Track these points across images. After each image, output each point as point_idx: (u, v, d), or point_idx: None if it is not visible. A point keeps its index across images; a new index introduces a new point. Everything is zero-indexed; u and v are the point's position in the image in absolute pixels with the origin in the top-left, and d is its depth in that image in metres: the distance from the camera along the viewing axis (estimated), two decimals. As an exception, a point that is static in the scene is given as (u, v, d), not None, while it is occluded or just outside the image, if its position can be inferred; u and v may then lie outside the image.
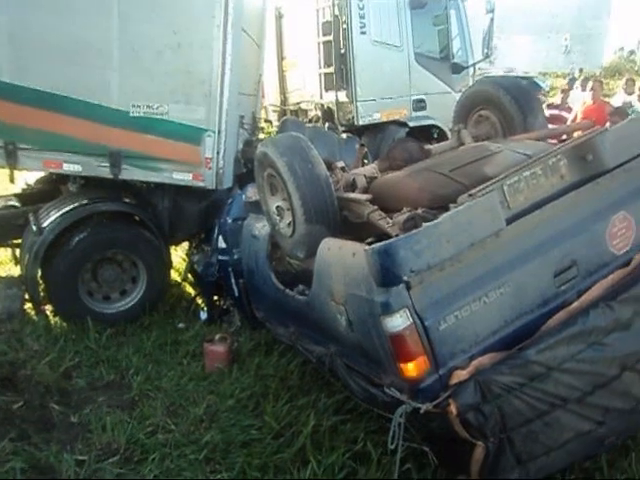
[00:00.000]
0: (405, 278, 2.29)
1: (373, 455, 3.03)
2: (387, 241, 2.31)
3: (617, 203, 2.90)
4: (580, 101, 8.99)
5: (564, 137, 3.80)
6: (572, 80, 12.64)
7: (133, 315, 4.88)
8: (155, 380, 3.91)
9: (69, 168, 4.56)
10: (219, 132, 4.47)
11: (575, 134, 3.59)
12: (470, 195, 2.46)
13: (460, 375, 2.49)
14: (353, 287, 2.61)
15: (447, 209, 2.53)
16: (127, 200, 4.95)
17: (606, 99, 9.16)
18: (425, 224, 2.32)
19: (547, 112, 7.75)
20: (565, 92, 9.47)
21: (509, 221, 2.55)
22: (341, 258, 2.73)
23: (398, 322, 2.39)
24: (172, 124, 4.41)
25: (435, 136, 7.33)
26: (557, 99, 10.16)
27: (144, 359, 4.22)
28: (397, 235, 2.58)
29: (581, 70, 15.73)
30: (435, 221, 2.33)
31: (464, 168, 2.96)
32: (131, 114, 4.37)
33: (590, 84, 9.03)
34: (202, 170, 4.57)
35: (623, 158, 2.79)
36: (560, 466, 2.77)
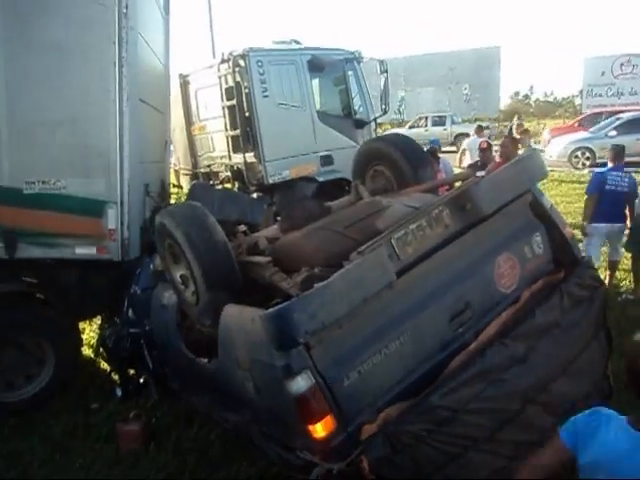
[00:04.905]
0: (301, 340, 2.31)
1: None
2: (279, 305, 2.33)
3: (499, 245, 3.12)
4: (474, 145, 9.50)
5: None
6: (480, 128, 13.31)
7: (41, 401, 4.54)
8: (62, 471, 3.63)
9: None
10: (122, 203, 4.38)
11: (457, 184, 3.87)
12: (359, 252, 2.55)
13: (369, 430, 2.51)
14: (255, 352, 2.60)
15: (342, 266, 2.60)
16: (27, 278, 4.69)
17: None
18: (316, 285, 2.37)
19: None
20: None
21: (400, 273, 2.64)
22: (242, 324, 2.72)
23: (301, 384, 2.40)
24: (70, 199, 4.28)
25: (347, 188, 7.54)
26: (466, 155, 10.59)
27: (51, 449, 3.91)
28: (297, 295, 2.61)
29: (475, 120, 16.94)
30: (326, 281, 2.38)
31: (357, 224, 3.07)
32: (25, 191, 4.20)
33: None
34: (106, 242, 4.43)
35: (499, 204, 3.00)
36: (479, 505, 2.81)
